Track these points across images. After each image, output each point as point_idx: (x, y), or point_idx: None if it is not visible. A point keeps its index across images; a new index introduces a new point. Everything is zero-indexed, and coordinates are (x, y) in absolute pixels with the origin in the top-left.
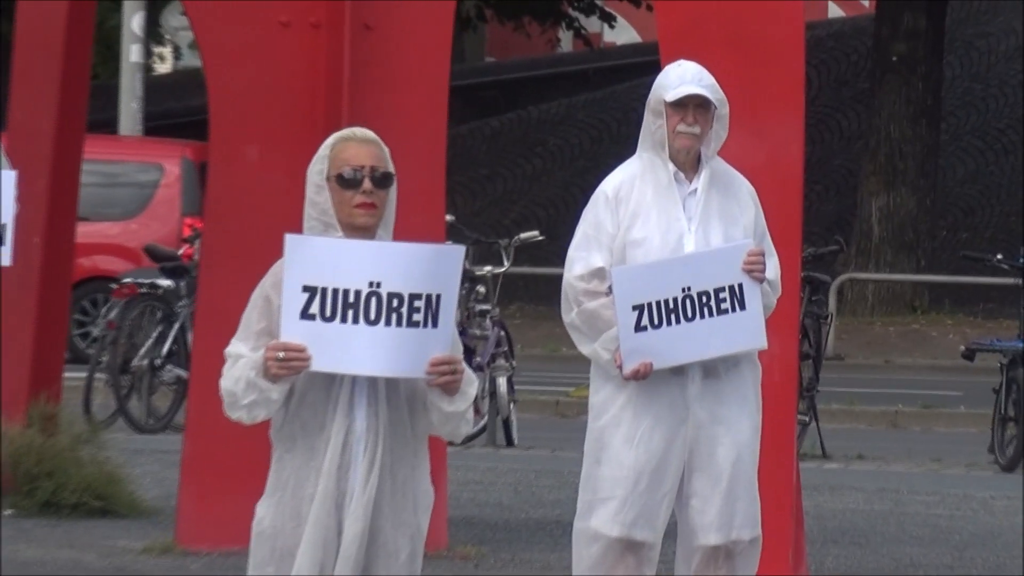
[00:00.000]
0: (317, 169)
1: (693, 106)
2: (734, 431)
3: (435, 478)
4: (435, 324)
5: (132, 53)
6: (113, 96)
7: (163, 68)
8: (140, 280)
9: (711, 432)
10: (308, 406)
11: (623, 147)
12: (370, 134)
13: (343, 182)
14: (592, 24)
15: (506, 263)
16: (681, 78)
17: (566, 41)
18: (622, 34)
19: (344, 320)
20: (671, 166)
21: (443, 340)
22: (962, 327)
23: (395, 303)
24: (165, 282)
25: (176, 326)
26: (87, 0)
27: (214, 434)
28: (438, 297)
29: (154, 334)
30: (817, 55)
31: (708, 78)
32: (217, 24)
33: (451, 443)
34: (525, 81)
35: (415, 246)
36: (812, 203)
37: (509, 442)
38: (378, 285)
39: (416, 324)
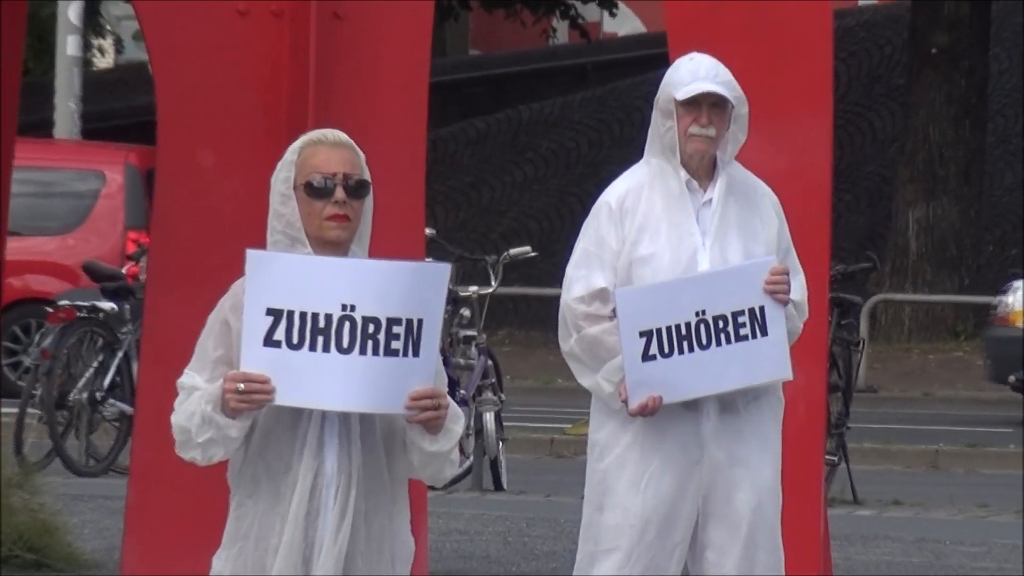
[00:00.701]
0: (283, 177)
1: (707, 105)
2: (755, 474)
3: (415, 527)
4: (416, 353)
5: (69, 46)
6: (47, 94)
7: (104, 63)
8: (78, 303)
9: (729, 475)
10: (272, 445)
11: (626, 151)
12: (343, 137)
13: (312, 191)
14: (591, 12)
15: (494, 283)
16: (694, 74)
17: (561, 32)
18: (624, 24)
19: (313, 348)
20: (683, 173)
21: (425, 371)
22: None
23: (371, 329)
24: (107, 305)
25: (119, 355)
26: None
27: (163, 477)
28: (420, 322)
29: (94, 364)
30: (846, 47)
31: (724, 73)
32: (165, 12)
33: (432, 487)
34: (514, 77)
35: (394, 264)
36: (841, 214)
37: (498, 486)
38: (352, 308)
39: (395, 353)
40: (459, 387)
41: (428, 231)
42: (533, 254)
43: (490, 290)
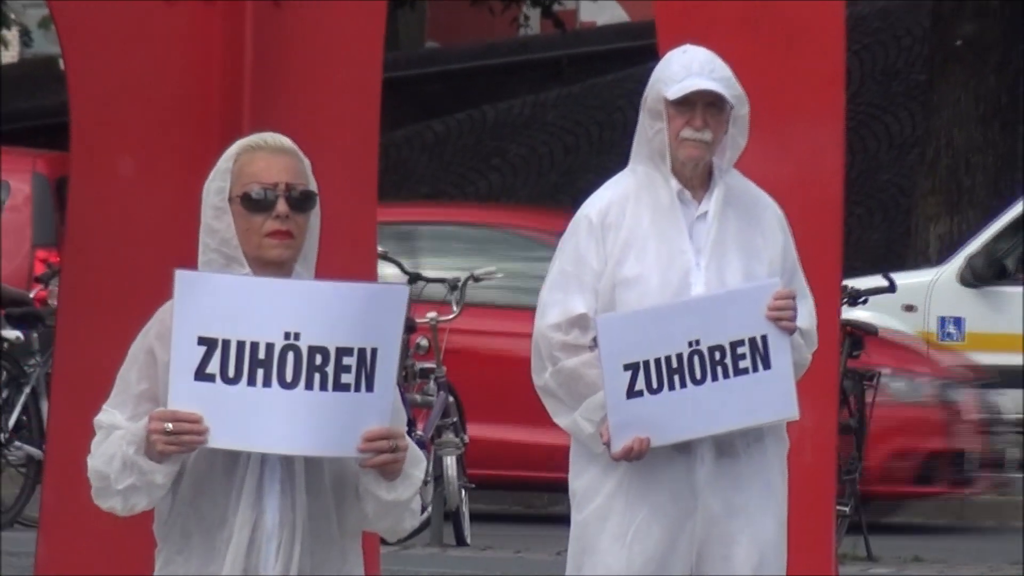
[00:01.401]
0: (216, 187)
1: (702, 105)
2: (756, 526)
3: None
4: (370, 387)
5: None
6: None
7: (8, 56)
8: None
9: (726, 528)
10: (204, 494)
11: (606, 158)
12: (285, 142)
13: (251, 204)
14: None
15: (455, 308)
16: (687, 69)
17: (533, 22)
18: (604, 12)
19: (252, 382)
20: (674, 182)
21: (380, 408)
22: None
23: (318, 360)
24: (12, 333)
25: (26, 391)
26: None
27: (77, 530)
28: (374, 352)
29: None
30: (859, 39)
31: (722, 69)
32: None
33: (385, 542)
34: (477, 72)
35: (344, 286)
36: (853, 229)
37: (460, 540)
38: (296, 337)
39: (345, 387)
40: (416, 427)
41: (380, 249)
42: (500, 275)
43: (451, 317)
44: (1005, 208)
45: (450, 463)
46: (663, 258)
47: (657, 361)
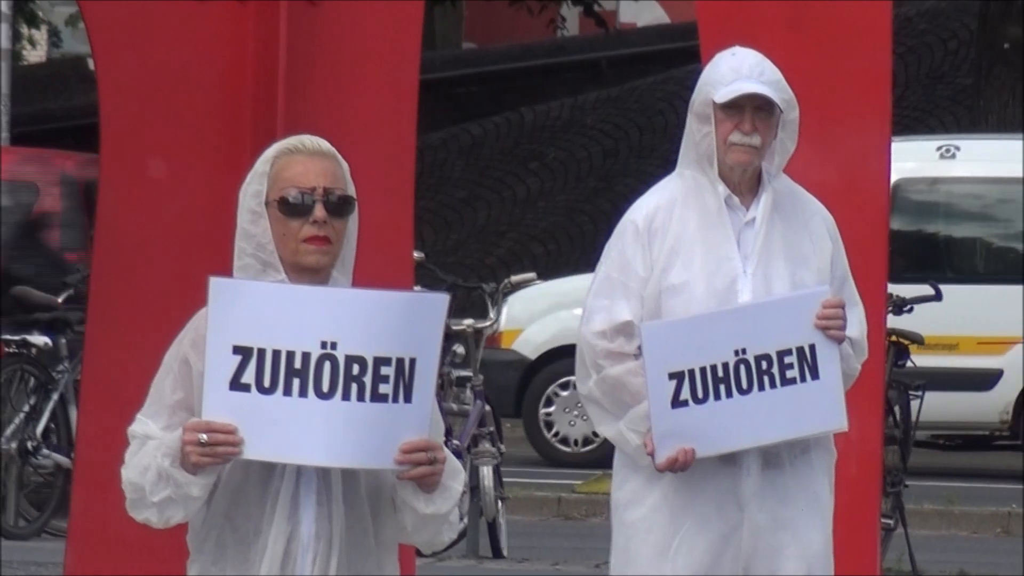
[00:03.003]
0: (253, 191)
1: (751, 109)
2: (802, 539)
3: None
4: (408, 398)
5: None
6: None
7: (36, 56)
8: (7, 336)
9: (773, 540)
10: (240, 505)
11: (645, 161)
12: (324, 145)
13: (288, 208)
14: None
15: (492, 315)
16: (736, 72)
17: (571, 22)
18: (644, 12)
19: (288, 392)
20: (722, 187)
21: (418, 419)
22: None
23: (355, 370)
24: (40, 339)
25: (54, 397)
26: None
27: (108, 541)
28: (412, 362)
29: (25, 408)
30: (904, 41)
31: (772, 72)
32: None
33: (421, 554)
34: (515, 74)
35: (383, 294)
36: (897, 237)
37: (496, 552)
38: (333, 346)
39: (383, 398)
40: (452, 437)
41: (416, 255)
42: (538, 282)
43: (488, 324)
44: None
45: (486, 473)
46: (710, 265)
47: (703, 370)
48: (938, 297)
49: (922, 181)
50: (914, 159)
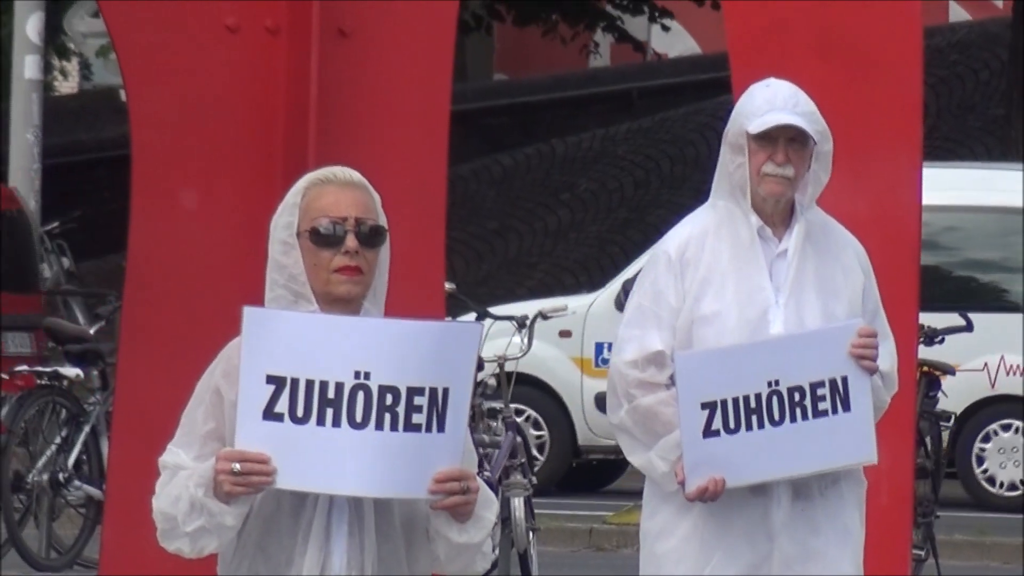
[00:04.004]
0: (284, 222)
1: (785, 140)
2: (833, 570)
3: None
4: (441, 428)
5: (26, 67)
6: (1, 124)
7: (67, 87)
8: (39, 368)
9: (803, 572)
10: (272, 535)
11: (677, 192)
12: (355, 175)
13: (319, 239)
14: (637, 29)
15: (524, 346)
16: (770, 103)
17: (603, 53)
18: (676, 43)
19: (321, 422)
20: (754, 218)
21: (452, 449)
22: None
23: (389, 400)
24: (72, 371)
25: (86, 429)
26: None
27: (138, 570)
28: (445, 392)
29: (57, 440)
30: (936, 71)
31: (806, 103)
32: (142, 27)
33: None
34: (547, 105)
35: (416, 324)
36: (928, 267)
37: None
38: (367, 376)
39: (417, 428)
40: (484, 468)
41: (448, 286)
42: (570, 313)
43: (519, 355)
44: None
45: (518, 504)
46: (742, 295)
47: (735, 400)
48: (969, 328)
49: None
50: None
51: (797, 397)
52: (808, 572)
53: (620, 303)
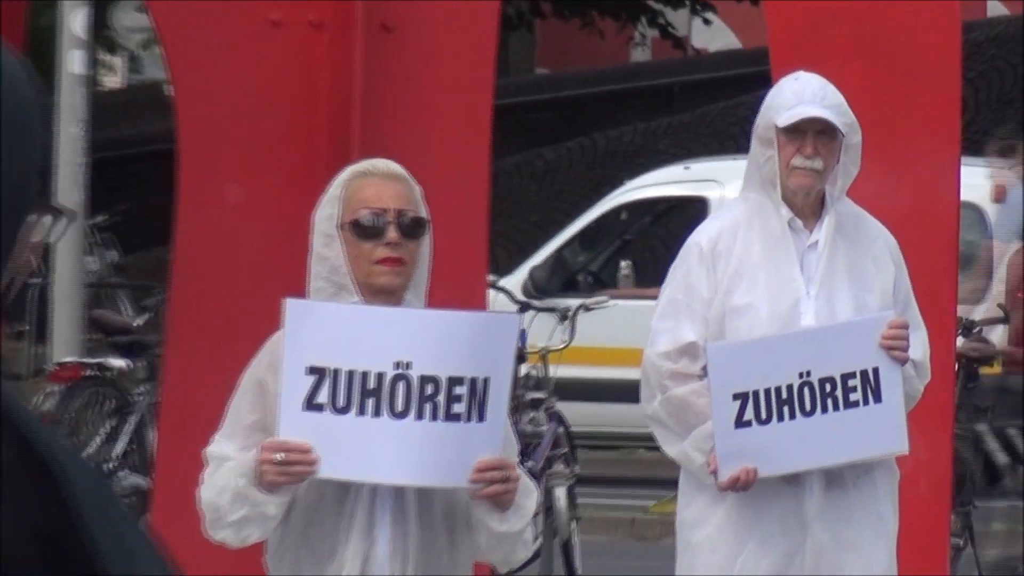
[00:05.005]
0: (326, 214)
1: (813, 133)
2: (866, 559)
3: None
4: (481, 417)
5: (73, 62)
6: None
7: (113, 82)
8: (85, 360)
9: (836, 560)
10: (315, 525)
11: None
12: (396, 168)
13: (361, 231)
14: (678, 22)
15: (566, 337)
16: (798, 96)
17: (643, 49)
18: (716, 38)
19: (362, 412)
20: (785, 211)
21: (492, 438)
22: None
23: (429, 390)
24: (119, 362)
25: (133, 420)
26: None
27: (186, 561)
28: (485, 381)
29: (104, 430)
30: (973, 66)
31: (834, 96)
32: (187, 23)
33: (495, 572)
34: (588, 100)
35: (456, 315)
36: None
37: (570, 572)
38: (407, 366)
39: (457, 417)
40: (526, 458)
41: (489, 277)
42: (611, 304)
43: (562, 346)
44: (572, 221)
45: (560, 494)
46: (773, 287)
47: (767, 391)
48: (1006, 319)
49: None
50: None
51: (828, 388)
52: (841, 561)
53: (527, 290)
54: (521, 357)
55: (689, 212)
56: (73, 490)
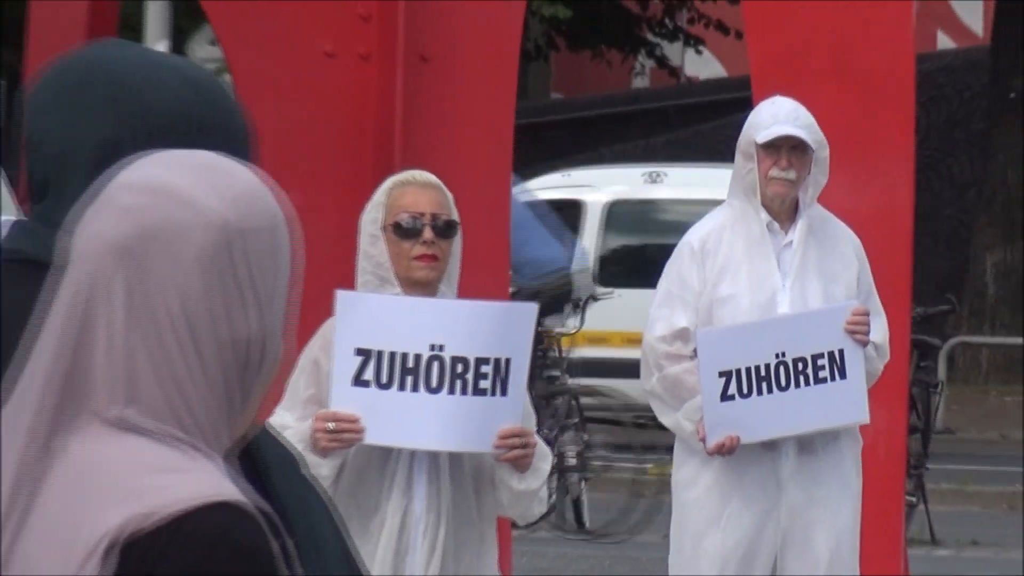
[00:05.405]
0: (371, 217)
1: (787, 148)
2: (833, 514)
3: (500, 566)
4: (504, 392)
5: None
6: None
7: None
8: None
9: (807, 516)
10: (362, 484)
11: None
12: (431, 178)
13: (401, 231)
14: (672, 56)
15: (578, 323)
16: (774, 117)
17: (643, 77)
18: (705, 68)
19: (402, 387)
20: (764, 215)
21: (513, 410)
22: None
23: (460, 368)
24: None
25: None
26: (107, 31)
27: None
28: (507, 361)
29: None
30: (926, 92)
31: (805, 117)
32: (252, 54)
33: (515, 525)
34: (596, 120)
35: (482, 304)
36: (919, 257)
37: (580, 525)
38: (441, 348)
39: (483, 392)
40: (543, 427)
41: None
42: (616, 296)
43: (574, 331)
44: None
45: (571, 458)
46: (754, 280)
47: (748, 370)
48: (955, 310)
49: (631, 202)
50: (624, 183)
51: (800, 366)
52: (812, 516)
53: None
54: (540, 340)
55: (568, 213)
56: (264, 457)
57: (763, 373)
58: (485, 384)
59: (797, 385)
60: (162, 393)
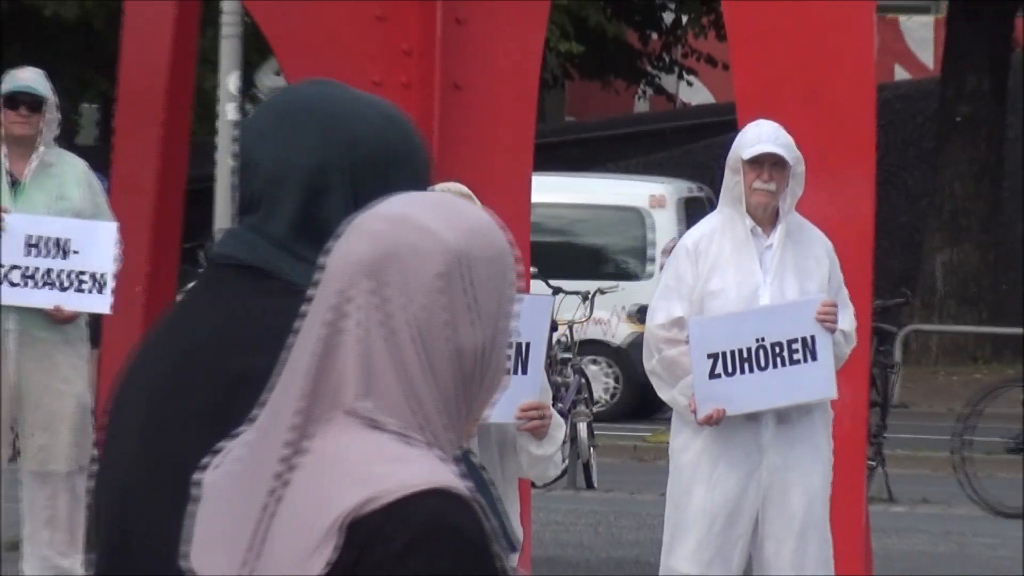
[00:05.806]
0: None
1: (769, 164)
2: (806, 477)
3: (521, 519)
4: (524, 371)
5: (228, 111)
6: (210, 153)
7: None
8: None
9: (784, 477)
10: None
11: None
12: (463, 188)
13: None
14: (668, 85)
15: (587, 313)
16: (758, 137)
17: (643, 103)
18: (696, 95)
19: None
20: (749, 221)
21: (532, 386)
22: None
23: None
24: None
25: None
26: (188, 64)
27: None
28: (527, 345)
29: None
30: (884, 116)
31: (784, 137)
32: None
33: (534, 485)
34: (604, 140)
35: None
36: (879, 258)
37: (589, 485)
38: None
39: (506, 371)
40: (557, 401)
41: (531, 269)
42: (620, 289)
43: (585, 320)
44: None
45: (582, 428)
46: (739, 277)
47: (733, 352)
48: (909, 303)
49: None
50: None
51: (778, 350)
52: (788, 478)
53: None
54: (554, 326)
55: None
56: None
57: (745, 355)
58: (508, 364)
59: (775, 366)
60: (398, 390)
